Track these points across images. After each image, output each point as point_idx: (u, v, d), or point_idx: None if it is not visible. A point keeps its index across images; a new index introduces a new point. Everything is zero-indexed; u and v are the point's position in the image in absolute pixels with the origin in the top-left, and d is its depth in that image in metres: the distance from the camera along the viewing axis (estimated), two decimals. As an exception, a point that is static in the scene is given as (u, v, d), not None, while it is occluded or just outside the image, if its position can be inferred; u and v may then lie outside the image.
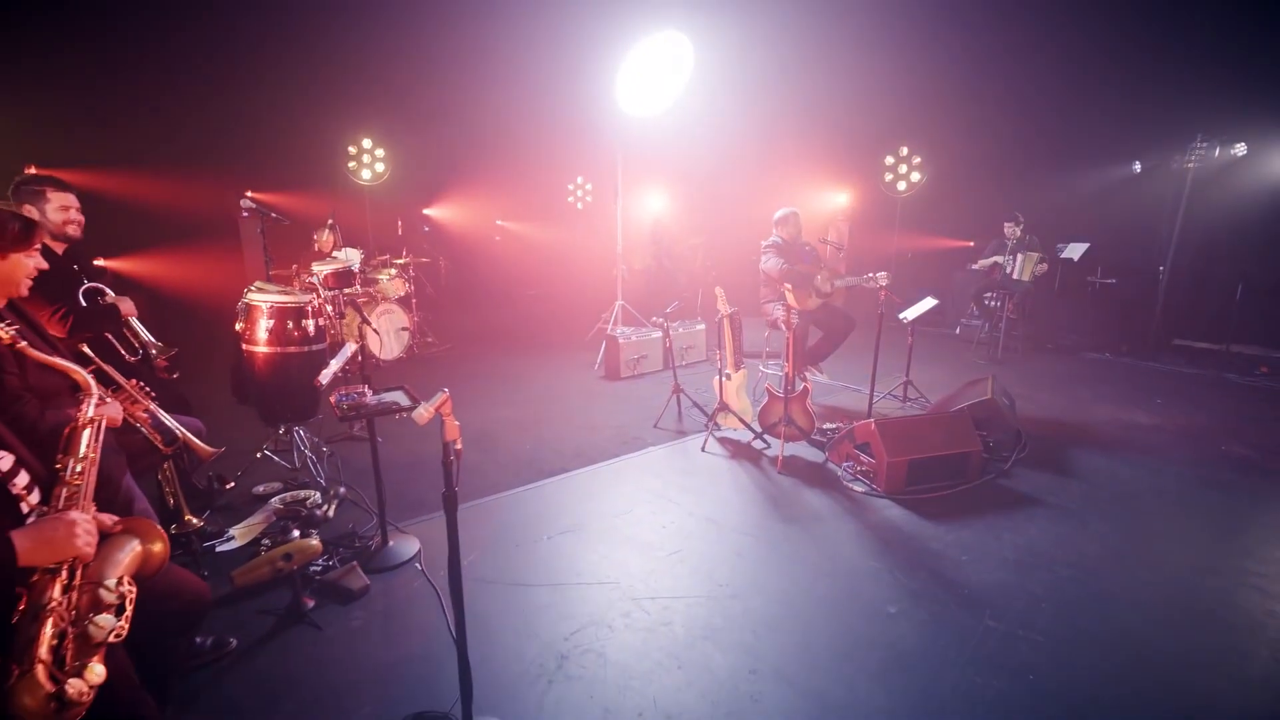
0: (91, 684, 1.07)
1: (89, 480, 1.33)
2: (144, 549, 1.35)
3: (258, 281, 3.57)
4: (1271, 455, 4.11)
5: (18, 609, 1.10)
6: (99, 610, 1.17)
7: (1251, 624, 2.45)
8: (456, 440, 1.60)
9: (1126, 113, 6.94)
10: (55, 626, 1.10)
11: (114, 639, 1.16)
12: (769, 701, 2.06)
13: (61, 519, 1.19)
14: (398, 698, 2.05)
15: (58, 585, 1.14)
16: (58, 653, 1.08)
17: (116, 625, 1.17)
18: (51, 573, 1.15)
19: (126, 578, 1.25)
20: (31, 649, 1.05)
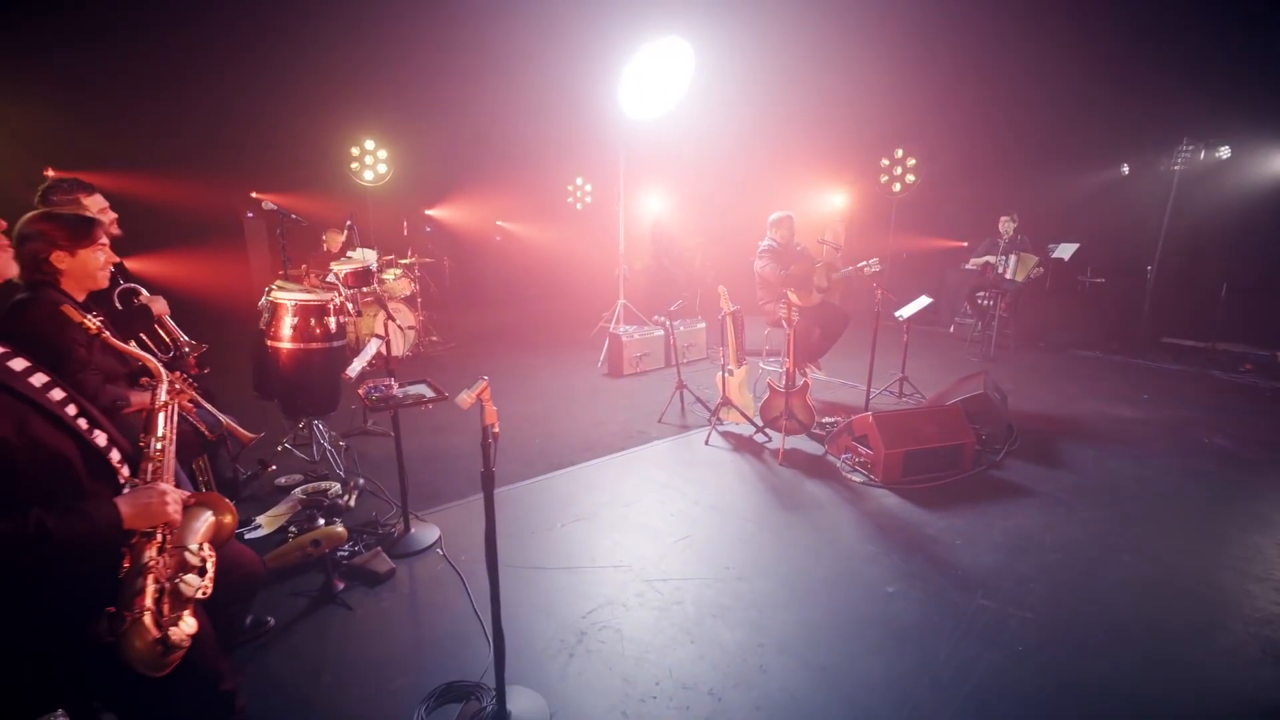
0: (187, 633, 1.21)
1: (169, 457, 1.46)
2: (217, 520, 1.49)
3: (278, 280, 3.70)
4: (1251, 447, 4.29)
5: (123, 566, 1.24)
6: (186, 570, 1.30)
7: (1228, 601, 2.61)
8: (495, 424, 1.73)
9: (1115, 117, 7.13)
10: (155, 583, 1.23)
11: (200, 596, 1.30)
12: (776, 672, 2.20)
13: (155, 488, 1.32)
14: (430, 670, 2.19)
15: (153, 547, 1.28)
16: (157, 605, 1.22)
17: (202, 584, 1.31)
18: (147, 536, 1.29)
19: (206, 544, 1.39)
20: (138, 600, 1.19)
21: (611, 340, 6.00)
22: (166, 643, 1.17)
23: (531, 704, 2.02)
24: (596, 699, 2.08)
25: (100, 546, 1.22)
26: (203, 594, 1.30)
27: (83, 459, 1.29)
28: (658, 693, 2.10)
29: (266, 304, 3.41)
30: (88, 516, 1.20)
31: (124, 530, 1.25)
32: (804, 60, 7.91)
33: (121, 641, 1.14)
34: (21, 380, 1.25)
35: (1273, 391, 5.56)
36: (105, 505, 1.24)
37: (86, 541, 1.19)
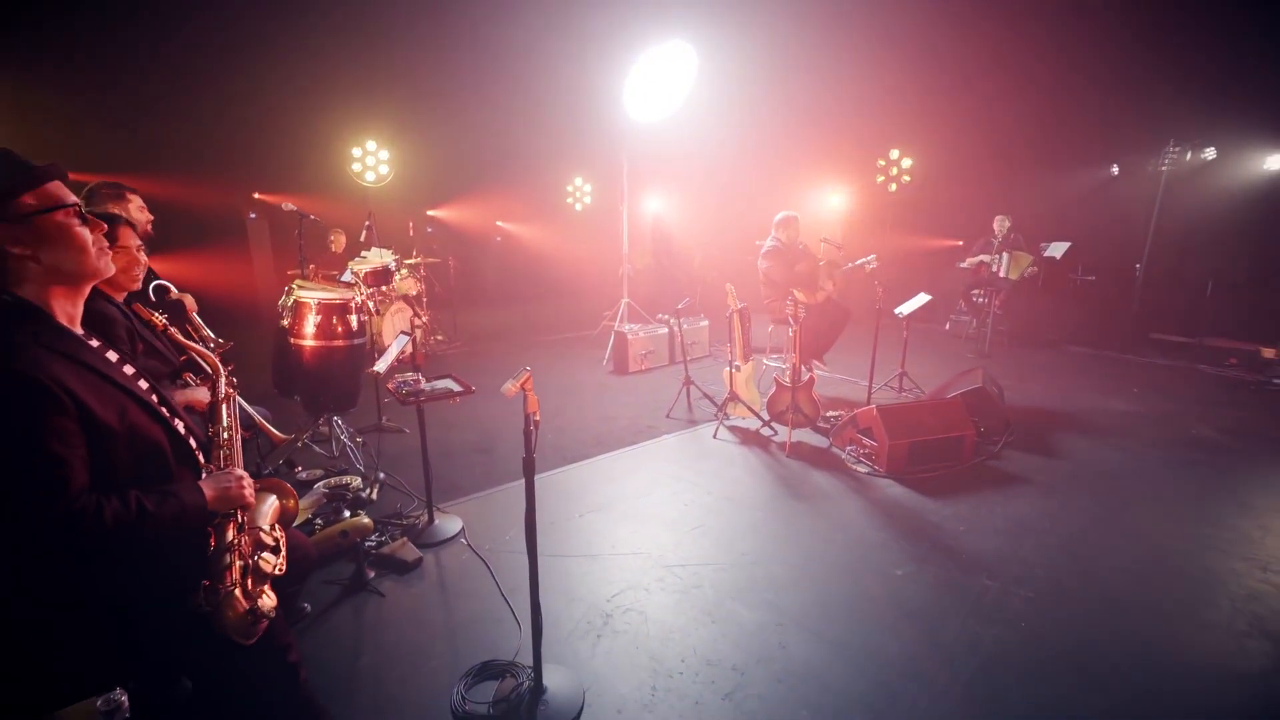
0: (272, 604, 1.31)
1: (237, 445, 1.56)
2: (281, 504, 1.59)
3: (297, 280, 3.78)
4: (1236, 437, 4.46)
5: (210, 544, 1.34)
6: (263, 549, 1.41)
7: (1214, 580, 2.76)
8: (535, 412, 1.84)
9: (1105, 119, 7.32)
10: (240, 560, 1.33)
11: (278, 573, 1.40)
12: (795, 649, 2.32)
13: (232, 473, 1.42)
14: (464, 651, 2.29)
15: (233, 527, 1.38)
16: (243, 580, 1.32)
17: (278, 561, 1.41)
18: (227, 517, 1.39)
19: (278, 525, 1.49)
20: (228, 575, 1.29)
21: (617, 338, 6.11)
22: (256, 612, 1.27)
23: (565, 680, 2.13)
24: (626, 675, 2.19)
25: (188, 526, 1.32)
26: (279, 570, 1.40)
27: (171, 446, 1.38)
28: (683, 669, 2.22)
29: (289, 303, 3.49)
30: (178, 498, 1.30)
31: (208, 512, 1.35)
32: (802, 63, 8.05)
33: (217, 611, 1.25)
34: (119, 370, 1.35)
35: (1257, 384, 5.75)
36: (192, 488, 1.34)
37: (178, 522, 1.28)
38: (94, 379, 1.26)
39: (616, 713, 2.03)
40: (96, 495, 1.20)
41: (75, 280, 1.34)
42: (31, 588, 1.24)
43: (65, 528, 1.15)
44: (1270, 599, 2.60)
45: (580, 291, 10.73)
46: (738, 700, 2.07)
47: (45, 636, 1.23)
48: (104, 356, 1.34)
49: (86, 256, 1.34)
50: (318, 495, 3.41)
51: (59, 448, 1.17)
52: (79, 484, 1.19)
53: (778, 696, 2.09)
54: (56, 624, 1.23)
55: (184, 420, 1.47)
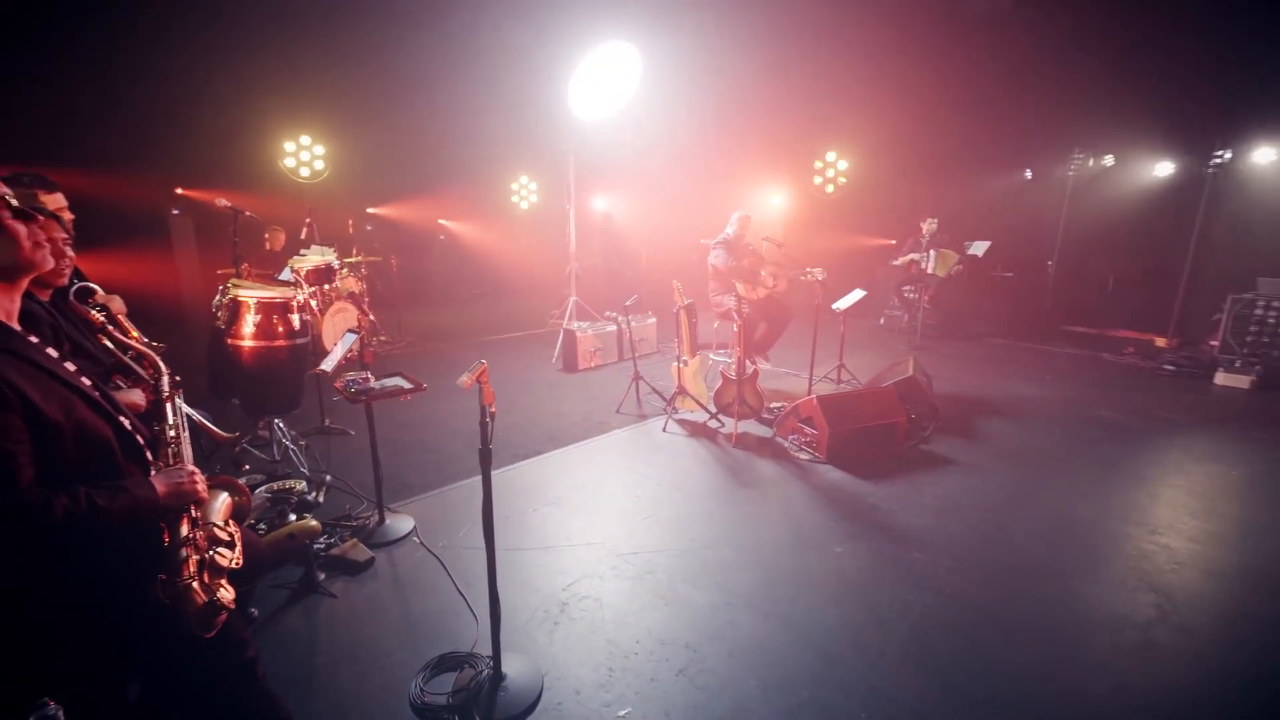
0: (230, 597, 1.31)
1: (186, 442, 1.54)
2: (234, 500, 1.58)
3: (232, 279, 3.65)
4: (1133, 417, 4.92)
5: (164, 540, 1.33)
6: (218, 544, 1.40)
7: (1112, 543, 3.07)
8: (492, 404, 1.88)
9: (1019, 129, 7.87)
10: (196, 554, 1.33)
11: (235, 567, 1.40)
12: (744, 625, 2.45)
13: (184, 469, 1.41)
14: (421, 645, 2.30)
15: (187, 523, 1.37)
16: (200, 575, 1.31)
17: (234, 556, 1.41)
18: (181, 513, 1.38)
19: (231, 521, 1.48)
20: (185, 569, 1.28)
21: (566, 336, 6.15)
22: (215, 604, 1.27)
23: (524, 666, 2.18)
24: (584, 658, 2.26)
25: (141, 521, 1.31)
26: (236, 564, 1.40)
27: (119, 442, 1.36)
28: (639, 649, 2.31)
29: (224, 302, 3.38)
30: (129, 493, 1.28)
31: (161, 507, 1.33)
32: (742, 68, 8.29)
33: (177, 604, 1.24)
34: (61, 367, 1.31)
35: (1150, 370, 6.34)
36: (143, 484, 1.32)
37: (130, 516, 1.27)
38: (38, 375, 1.24)
39: (575, 694, 2.10)
40: (44, 491, 1.17)
41: (11, 275, 1.30)
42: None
43: (13, 523, 1.13)
44: (1157, 558, 2.92)
45: (528, 290, 10.69)
46: (691, 675, 2.18)
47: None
48: (45, 353, 1.31)
49: (21, 250, 1.30)
50: (260, 500, 3.32)
51: (3, 443, 1.14)
52: (25, 479, 1.16)
53: (728, 670, 2.21)
54: (7, 621, 1.20)
55: (129, 418, 1.45)
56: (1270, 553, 2.97)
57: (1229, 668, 2.23)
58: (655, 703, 2.05)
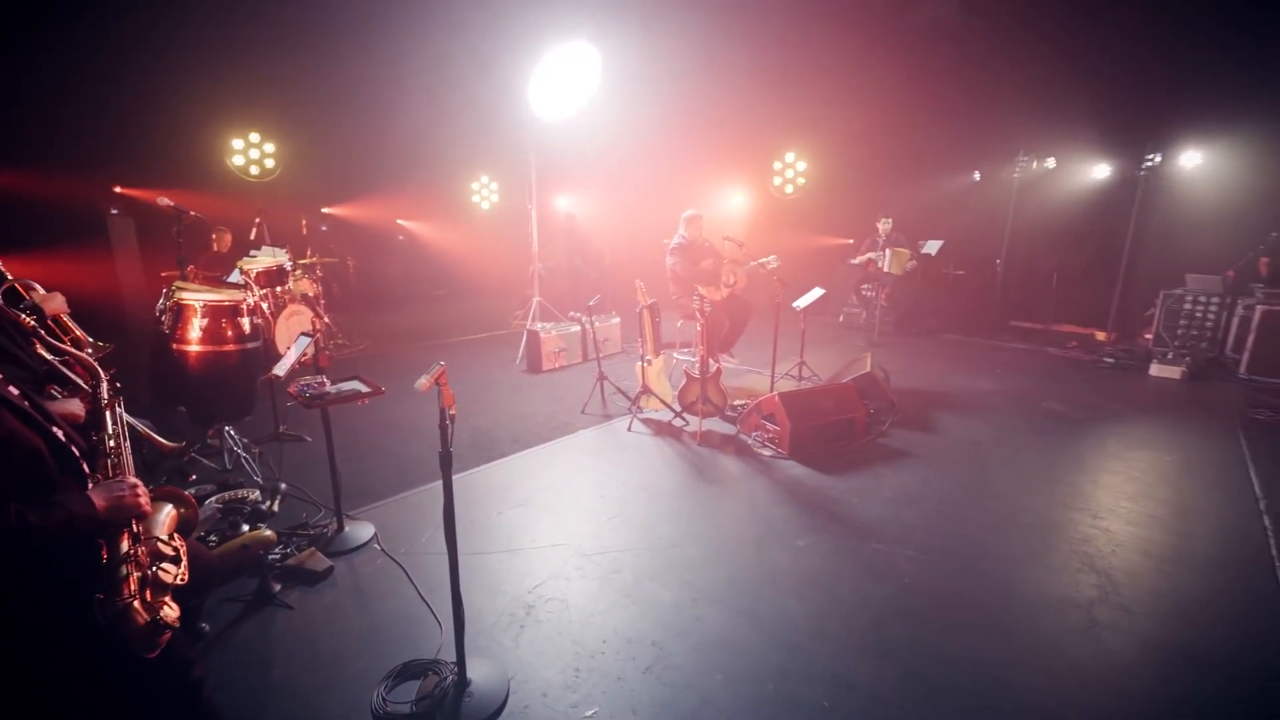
0: (175, 615, 1.26)
1: (126, 452, 1.47)
2: (179, 512, 1.52)
3: (177, 281, 3.51)
4: (1076, 408, 5.15)
5: (102, 557, 1.26)
6: (162, 560, 1.35)
7: (1057, 530, 3.21)
8: (451, 407, 1.86)
9: (968, 131, 8.16)
10: (138, 571, 1.27)
11: (180, 583, 1.34)
12: (710, 621, 2.48)
13: (125, 481, 1.35)
14: (384, 653, 2.26)
15: (127, 538, 1.31)
16: (141, 593, 1.26)
17: (179, 572, 1.35)
18: (121, 528, 1.31)
19: (176, 535, 1.42)
20: (125, 587, 1.23)
21: (530, 337, 6.10)
22: (158, 624, 1.22)
23: (490, 671, 2.16)
24: (550, 660, 2.25)
25: (78, 538, 1.24)
26: (181, 580, 1.35)
27: (51, 454, 1.29)
28: (605, 649, 2.31)
29: (168, 305, 3.24)
30: (64, 508, 1.22)
31: (100, 521, 1.27)
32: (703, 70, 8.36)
33: (117, 624, 1.18)
34: (-15, 376, 1.24)
35: (1092, 363, 6.65)
36: (80, 498, 1.26)
37: (65, 534, 1.21)
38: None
39: (542, 696, 2.09)
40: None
41: None
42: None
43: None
44: (1098, 541, 3.07)
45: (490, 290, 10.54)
46: (658, 672, 2.19)
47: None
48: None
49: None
50: (210, 511, 3.19)
51: None
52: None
53: (694, 665, 2.23)
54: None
55: (63, 428, 1.38)
56: (1199, 533, 3.15)
57: (1164, 641, 2.36)
58: (622, 701, 2.06)
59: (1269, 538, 3.11)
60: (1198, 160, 7.04)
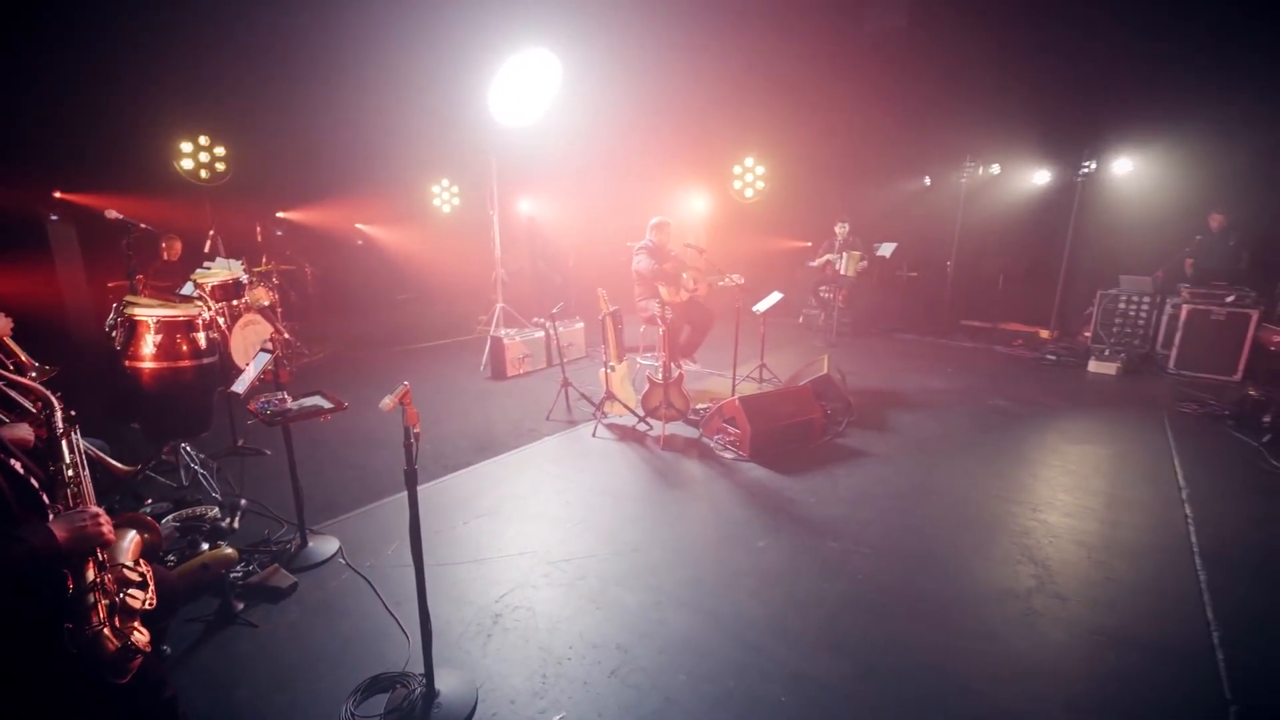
0: (145, 639, 1.28)
1: (86, 481, 1.47)
2: (142, 538, 1.52)
3: (127, 296, 3.42)
4: (1019, 404, 5.42)
5: (69, 586, 1.27)
6: (129, 586, 1.36)
7: (998, 523, 3.40)
8: (416, 425, 1.89)
9: (918, 138, 8.47)
10: (106, 598, 1.28)
11: (147, 607, 1.36)
12: (673, 623, 2.57)
13: (86, 511, 1.35)
14: (352, 668, 2.27)
15: (93, 567, 1.32)
16: (111, 620, 1.27)
17: (146, 597, 1.37)
18: (86, 557, 1.32)
19: (142, 560, 1.43)
20: (93, 615, 1.24)
21: (494, 344, 6.10)
22: (129, 648, 1.24)
23: (459, 681, 2.20)
24: (517, 668, 2.30)
25: (42, 570, 1.25)
26: (149, 605, 1.36)
27: (10, 487, 1.29)
28: (571, 654, 2.37)
29: (120, 321, 3.16)
30: (24, 542, 1.22)
31: (63, 553, 1.28)
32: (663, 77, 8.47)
33: (88, 651, 1.20)
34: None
35: (1034, 360, 6.99)
36: (41, 530, 1.26)
37: (26, 566, 1.21)
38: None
39: (510, 703, 2.14)
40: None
41: None
42: None
43: None
44: (1037, 533, 3.27)
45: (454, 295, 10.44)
46: (623, 675, 2.27)
47: None
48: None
49: None
50: (168, 529, 3.14)
51: None
52: None
53: (658, 666, 2.31)
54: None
55: (21, 459, 1.37)
56: (1127, 522, 3.39)
57: (1093, 625, 2.54)
58: (588, 705, 2.13)
59: (1189, 525, 3.36)
60: (1129, 167, 7.47)
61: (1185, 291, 6.45)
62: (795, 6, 8.14)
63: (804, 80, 8.47)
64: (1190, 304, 6.30)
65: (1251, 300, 6.08)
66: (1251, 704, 2.13)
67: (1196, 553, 3.08)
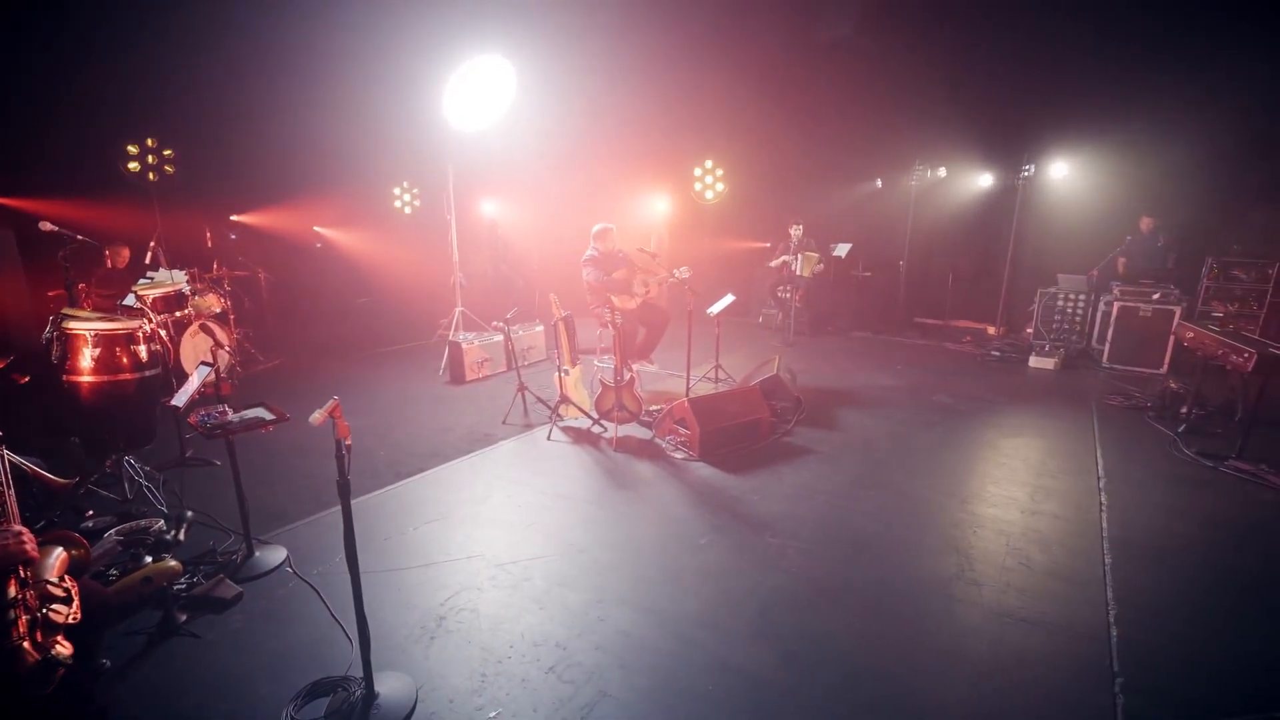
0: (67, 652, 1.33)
1: (10, 500, 1.51)
2: (69, 554, 1.57)
3: (65, 309, 3.39)
4: (963, 400, 5.68)
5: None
6: (52, 601, 1.40)
7: (932, 514, 3.59)
8: (347, 438, 1.96)
9: (871, 142, 8.74)
10: (27, 614, 1.33)
11: (71, 622, 1.41)
12: (613, 620, 2.67)
13: (9, 530, 1.39)
14: (295, 674, 2.32)
15: (14, 584, 1.36)
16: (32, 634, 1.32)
17: (70, 611, 1.42)
18: (6, 574, 1.36)
19: (67, 576, 1.48)
20: (13, 631, 1.28)
21: (452, 348, 6.12)
22: (50, 661, 1.29)
23: (399, 683, 2.27)
24: (458, 668, 2.38)
25: (-39, 588, 1.29)
26: (73, 619, 1.41)
27: (-70, 508, 1.33)
28: (511, 653, 2.46)
29: (56, 334, 3.14)
30: (-55, 561, 1.27)
31: (-16, 573, 1.32)
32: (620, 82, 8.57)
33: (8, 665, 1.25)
34: None
35: (980, 357, 7.29)
36: (-39, 550, 1.31)
37: (-52, 584, 1.26)
38: None
39: (448, 703, 2.22)
40: None
41: None
42: None
43: None
44: (965, 525, 3.47)
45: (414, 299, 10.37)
46: (560, 671, 2.37)
47: None
48: None
49: None
50: (110, 544, 3.13)
51: None
52: None
53: (595, 661, 2.42)
54: None
55: (-57, 481, 1.41)
56: (1046, 510, 3.60)
57: (1002, 609, 2.72)
58: (525, 701, 2.22)
59: (1102, 512, 3.60)
60: (1065, 171, 7.83)
61: (1117, 290, 6.80)
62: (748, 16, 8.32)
63: (759, 86, 8.66)
64: (1121, 301, 6.64)
65: (1175, 298, 6.45)
66: (1135, 675, 2.33)
67: (1105, 537, 3.31)
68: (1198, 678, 2.34)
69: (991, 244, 8.38)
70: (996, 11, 7.55)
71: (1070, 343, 7.24)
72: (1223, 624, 2.66)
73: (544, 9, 7.81)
